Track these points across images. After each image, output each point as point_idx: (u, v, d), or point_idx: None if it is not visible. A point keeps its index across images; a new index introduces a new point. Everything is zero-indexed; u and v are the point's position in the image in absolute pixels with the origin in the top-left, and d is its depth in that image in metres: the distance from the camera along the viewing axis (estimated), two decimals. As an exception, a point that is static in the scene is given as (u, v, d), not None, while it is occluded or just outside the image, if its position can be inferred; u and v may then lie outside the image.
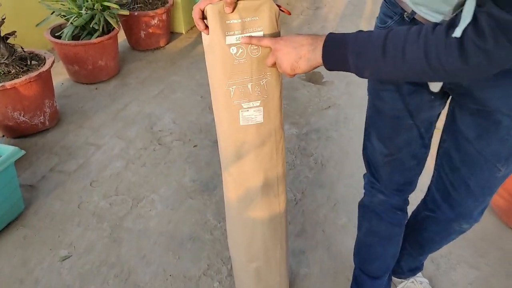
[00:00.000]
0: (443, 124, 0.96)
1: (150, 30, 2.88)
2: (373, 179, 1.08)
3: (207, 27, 0.92)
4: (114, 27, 2.49)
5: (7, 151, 1.53)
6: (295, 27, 3.44)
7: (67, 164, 1.93)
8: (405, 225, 1.14)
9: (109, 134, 2.13)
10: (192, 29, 3.36)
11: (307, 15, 3.70)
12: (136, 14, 2.79)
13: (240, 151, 1.04)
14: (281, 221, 1.16)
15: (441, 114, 0.97)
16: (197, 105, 2.38)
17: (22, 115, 2.00)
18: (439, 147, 0.98)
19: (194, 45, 3.12)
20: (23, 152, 1.56)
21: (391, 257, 1.19)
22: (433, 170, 1.02)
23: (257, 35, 0.94)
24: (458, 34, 0.58)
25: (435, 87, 0.84)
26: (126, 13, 2.59)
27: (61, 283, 1.40)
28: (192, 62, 2.85)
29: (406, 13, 0.80)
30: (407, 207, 1.11)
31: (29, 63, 2.03)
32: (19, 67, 1.99)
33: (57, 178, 1.85)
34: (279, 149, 1.09)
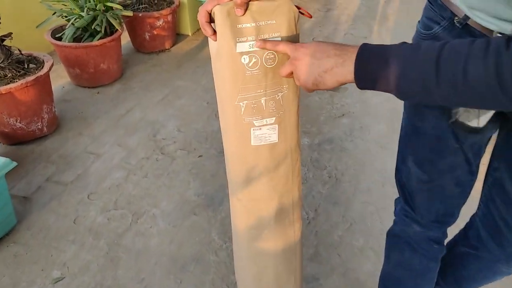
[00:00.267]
0: (493, 147, 0.83)
1: (155, 31, 2.76)
2: (408, 207, 0.94)
3: (214, 32, 0.79)
4: (117, 29, 2.38)
5: (-3, 162, 1.42)
6: (306, 30, 3.31)
7: (65, 174, 1.82)
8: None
9: (109, 142, 2.01)
10: (198, 31, 3.24)
11: (318, 16, 3.57)
12: (140, 15, 2.68)
13: (251, 174, 0.91)
14: (295, 251, 1.03)
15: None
16: (203, 111, 2.25)
17: (18, 121, 1.89)
18: (487, 175, 0.85)
19: (200, 47, 3.00)
20: (15, 163, 1.45)
21: (424, 294, 1.05)
22: (479, 201, 0.89)
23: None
24: None
25: (482, 121, 0.71)
26: (129, 14, 2.47)
27: (52, 308, 1.29)
28: (198, 65, 2.73)
29: (456, 18, 0.66)
30: (446, 239, 0.98)
31: (26, 67, 1.92)
32: (15, 70, 1.88)
33: (53, 189, 1.74)
34: (295, 171, 0.96)
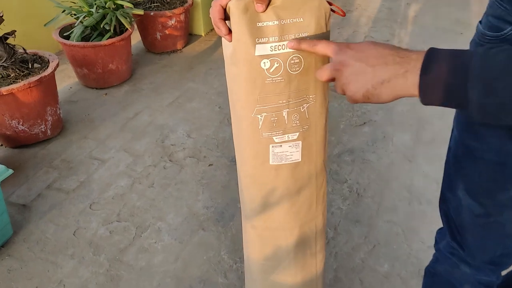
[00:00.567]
0: None
1: (166, 31, 2.66)
2: (456, 244, 0.79)
3: (230, 32, 0.67)
4: (127, 28, 2.28)
5: (-8, 169, 1.32)
6: (324, 32, 3.16)
7: (67, 181, 1.71)
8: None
9: (115, 147, 1.90)
10: (212, 31, 3.13)
11: (336, 18, 3.42)
12: (152, 14, 2.57)
13: (268, 199, 0.78)
14: (317, 285, 0.89)
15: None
16: (215, 116, 2.13)
17: (20, 123, 1.79)
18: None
19: (214, 48, 2.88)
20: (11, 171, 1.34)
21: None
22: None
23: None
24: None
25: None
26: (140, 12, 2.37)
27: (44, 332, 1.18)
28: (211, 67, 2.61)
29: None
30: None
31: (30, 66, 1.82)
32: (19, 70, 1.78)
33: (54, 197, 1.63)
34: (320, 196, 0.83)
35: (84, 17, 2.23)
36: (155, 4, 2.67)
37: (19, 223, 1.51)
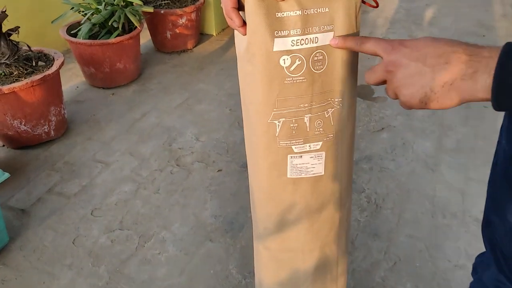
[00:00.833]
0: None
1: (177, 30, 2.57)
2: (503, 277, 0.67)
3: (244, 23, 0.57)
4: (136, 26, 2.20)
5: (-13, 173, 1.24)
6: (339, 33, 3.06)
7: (68, 184, 1.63)
8: None
9: (120, 149, 1.82)
10: (224, 30, 3.04)
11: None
12: (162, 12, 2.49)
13: (285, 217, 0.68)
14: (337, 314, 0.79)
15: None
16: (225, 119, 2.04)
17: (23, 123, 1.72)
18: None
19: (225, 48, 2.79)
20: (7, 175, 1.26)
21: None
22: None
23: (324, 37, 0.58)
24: None
25: None
26: (150, 10, 2.29)
27: None
28: (222, 68, 2.52)
29: None
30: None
31: (34, 64, 1.75)
32: (22, 68, 1.71)
33: (55, 201, 1.55)
34: (344, 214, 0.72)
35: (92, 14, 2.15)
36: (165, 1, 2.59)
37: (17, 229, 1.43)
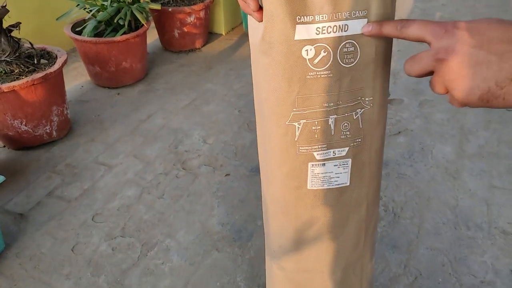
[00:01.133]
0: None
1: (185, 29, 2.50)
2: None
3: (260, 8, 0.48)
4: (143, 24, 2.13)
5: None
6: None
7: (70, 188, 1.56)
8: None
9: (124, 152, 1.74)
10: (233, 30, 2.96)
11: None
12: (170, 9, 2.42)
13: (304, 233, 0.59)
14: None
15: None
16: (234, 121, 1.95)
17: (23, 123, 1.65)
18: None
19: (234, 48, 2.71)
20: (2, 178, 1.19)
21: None
22: None
23: (355, 24, 0.49)
24: None
25: None
26: (157, 7, 2.22)
27: None
28: (231, 68, 2.44)
29: None
30: None
31: (36, 62, 1.68)
32: (24, 66, 1.64)
33: (55, 206, 1.48)
34: (370, 229, 0.63)
35: (97, 11, 2.09)
36: (173, -1, 2.52)
37: (14, 234, 1.36)
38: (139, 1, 2.17)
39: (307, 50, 0.47)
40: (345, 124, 0.52)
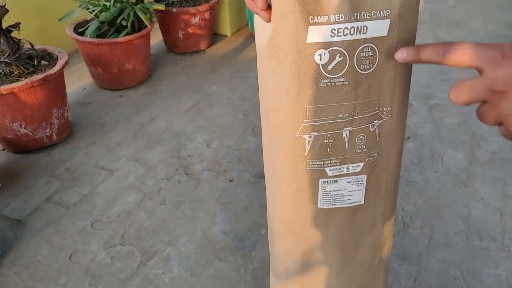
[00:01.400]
0: None
1: (189, 30, 2.46)
2: None
3: (269, 7, 0.43)
4: (146, 25, 2.09)
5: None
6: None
7: (68, 193, 1.51)
8: None
9: (125, 156, 1.70)
10: (239, 31, 2.92)
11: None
12: (174, 10, 2.38)
13: (313, 256, 0.54)
14: None
15: None
16: (238, 125, 1.90)
17: (23, 126, 1.61)
18: None
19: (239, 50, 2.66)
20: (-3, 184, 1.15)
21: None
22: None
23: (376, 26, 0.44)
24: None
25: None
26: (161, 8, 2.18)
27: None
28: (236, 70, 2.39)
29: None
30: None
31: (36, 63, 1.64)
32: (23, 67, 1.61)
33: (53, 211, 1.43)
34: (385, 251, 0.58)
35: (100, 12, 2.05)
36: (178, 0, 2.47)
37: (10, 241, 1.32)
38: (143, 1, 2.13)
39: (320, 54, 0.42)
40: (361, 137, 0.47)
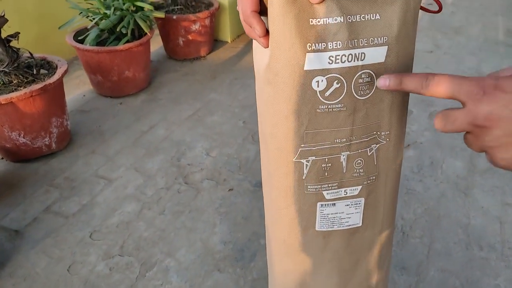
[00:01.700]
0: None
1: (189, 36, 2.46)
2: None
3: (267, 33, 0.43)
4: (146, 32, 2.09)
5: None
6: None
7: (67, 203, 1.51)
8: None
9: (125, 165, 1.70)
10: (239, 37, 2.92)
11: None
12: (174, 17, 2.38)
13: (311, 278, 0.53)
14: None
15: None
16: (238, 132, 1.90)
17: (22, 135, 1.61)
18: None
19: (240, 56, 2.67)
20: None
21: None
22: None
23: (373, 53, 0.44)
24: None
25: None
26: (161, 15, 2.18)
27: None
28: (236, 77, 2.39)
29: None
30: None
31: (35, 72, 1.65)
32: (22, 76, 1.61)
33: (51, 222, 1.43)
34: (383, 272, 0.58)
35: (100, 19, 2.05)
36: (178, 7, 2.48)
37: (8, 252, 1.31)
38: (143, 9, 2.13)
39: (318, 81, 0.42)
40: (359, 161, 0.47)
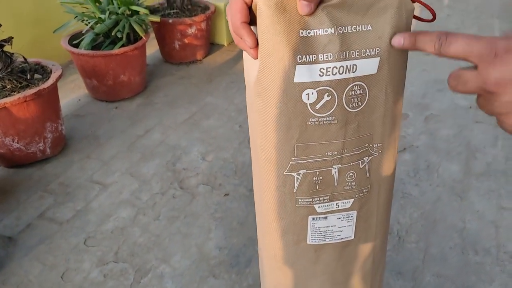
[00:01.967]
0: None
1: (185, 40, 2.45)
2: None
3: (257, 44, 0.43)
4: (142, 36, 2.08)
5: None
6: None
7: (62, 208, 1.50)
8: None
9: (120, 170, 1.69)
10: (234, 41, 2.91)
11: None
12: (170, 21, 2.38)
13: (303, 292, 0.53)
14: None
15: None
16: (234, 136, 1.90)
17: (15, 141, 1.60)
18: None
19: (236, 59, 2.66)
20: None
21: None
22: None
23: (365, 64, 0.43)
24: None
25: None
26: (157, 19, 2.17)
27: None
28: (232, 80, 2.39)
29: None
30: None
31: (29, 77, 1.64)
32: (16, 81, 1.60)
33: (45, 228, 1.42)
34: (376, 283, 0.57)
35: (95, 23, 2.05)
36: (174, 10, 2.47)
37: (1, 260, 1.30)
38: (138, 13, 2.13)
39: (308, 94, 0.42)
40: (351, 174, 0.47)
